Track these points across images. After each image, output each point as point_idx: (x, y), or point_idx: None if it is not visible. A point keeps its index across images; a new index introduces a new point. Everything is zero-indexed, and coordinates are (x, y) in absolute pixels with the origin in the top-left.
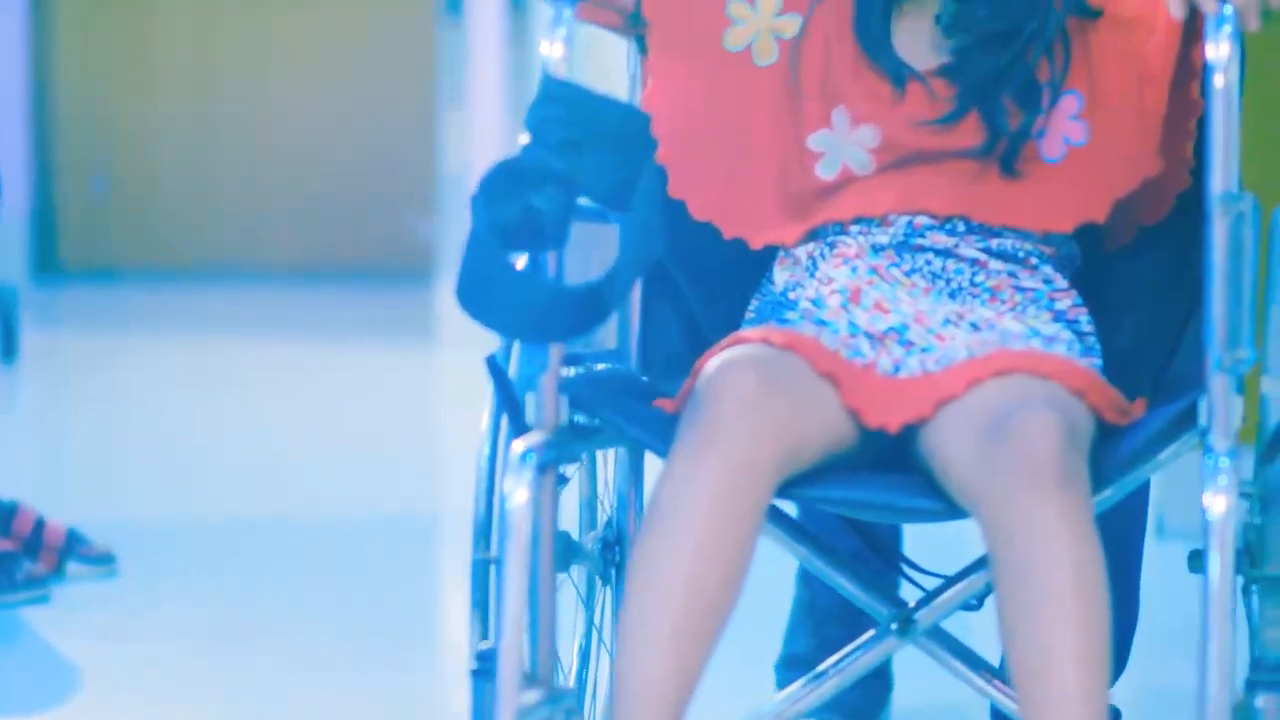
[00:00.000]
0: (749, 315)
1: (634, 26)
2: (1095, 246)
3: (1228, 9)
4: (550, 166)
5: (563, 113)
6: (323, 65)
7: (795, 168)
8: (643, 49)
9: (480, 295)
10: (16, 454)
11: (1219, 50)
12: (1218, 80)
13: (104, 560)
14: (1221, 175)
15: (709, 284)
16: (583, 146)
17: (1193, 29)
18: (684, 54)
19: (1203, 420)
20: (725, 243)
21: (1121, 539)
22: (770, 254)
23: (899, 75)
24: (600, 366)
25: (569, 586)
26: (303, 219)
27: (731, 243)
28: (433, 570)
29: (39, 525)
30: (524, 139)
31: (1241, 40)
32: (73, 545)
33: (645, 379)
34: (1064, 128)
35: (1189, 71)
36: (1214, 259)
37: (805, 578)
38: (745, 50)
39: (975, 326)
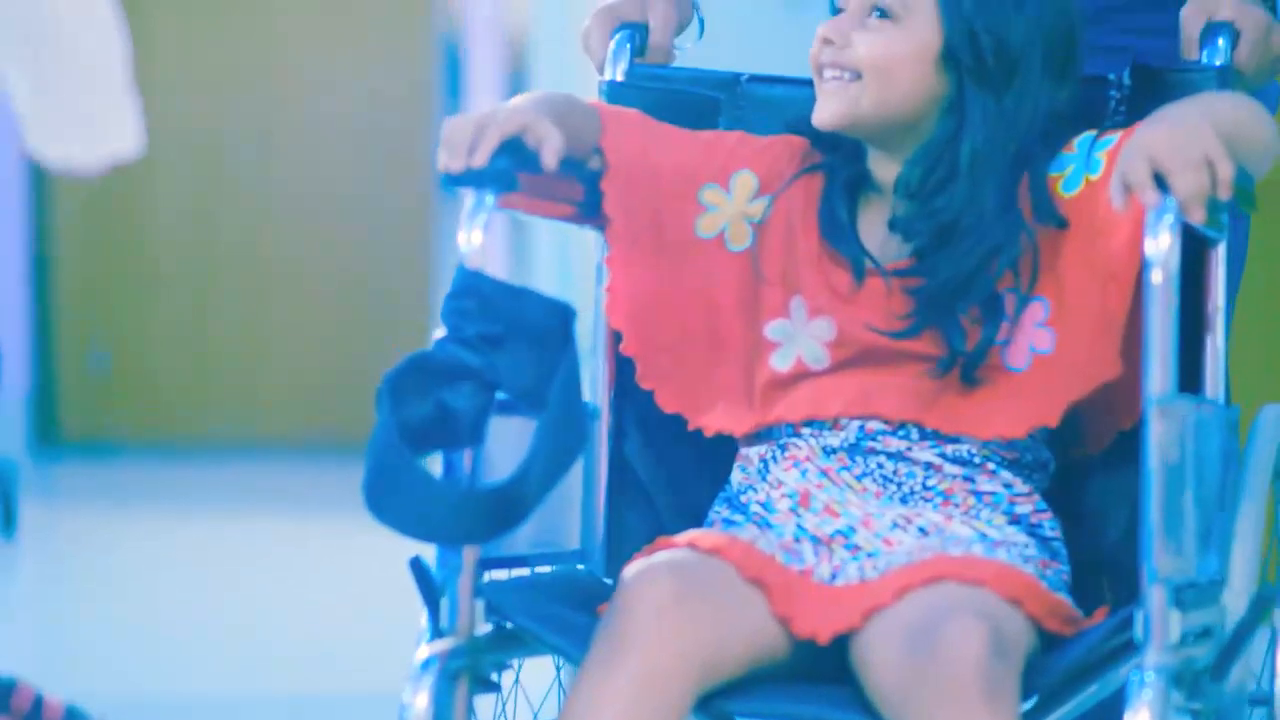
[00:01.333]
0: (711, 515)
1: (589, 217)
2: (1078, 448)
3: (1170, 200)
4: (464, 362)
5: (478, 306)
6: (322, 239)
7: (753, 357)
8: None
9: (387, 498)
10: (16, 629)
11: (1158, 244)
12: (1155, 276)
13: None
14: (1160, 376)
15: (676, 479)
16: (500, 341)
17: None
18: (652, 244)
19: (1137, 634)
20: (692, 435)
21: None
22: (736, 448)
23: (859, 267)
24: (545, 568)
25: None
26: (303, 392)
27: (698, 436)
28: None
29: (38, 702)
30: (438, 333)
31: (1247, 223)
32: None
33: (610, 581)
34: (1030, 335)
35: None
36: (1150, 464)
37: None
38: (718, 236)
39: (923, 531)
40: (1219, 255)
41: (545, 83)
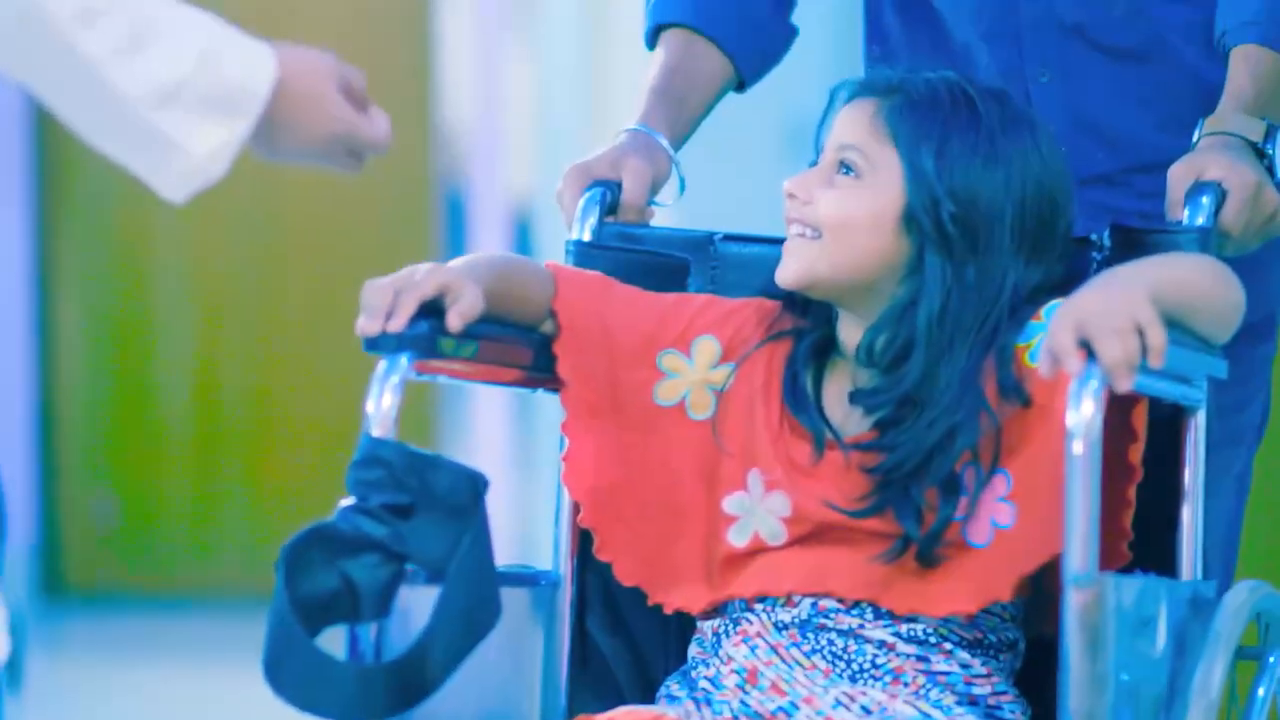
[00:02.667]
0: (660, 691)
1: (542, 381)
2: (1047, 626)
3: (1094, 368)
4: (367, 533)
5: (385, 476)
6: (328, 392)
7: (712, 531)
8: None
9: (283, 673)
10: None
11: (1080, 414)
12: (1076, 447)
13: None
14: (1079, 553)
15: (638, 652)
16: (410, 511)
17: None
18: (610, 411)
19: None
20: (653, 608)
21: None
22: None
23: (819, 439)
24: None
25: None
26: None
27: (658, 608)
28: None
29: None
30: (345, 501)
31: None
32: None
33: None
34: (992, 510)
35: (1128, 434)
36: (1068, 643)
37: None
38: (679, 404)
39: (866, 710)
40: (1197, 424)
41: (549, 235)
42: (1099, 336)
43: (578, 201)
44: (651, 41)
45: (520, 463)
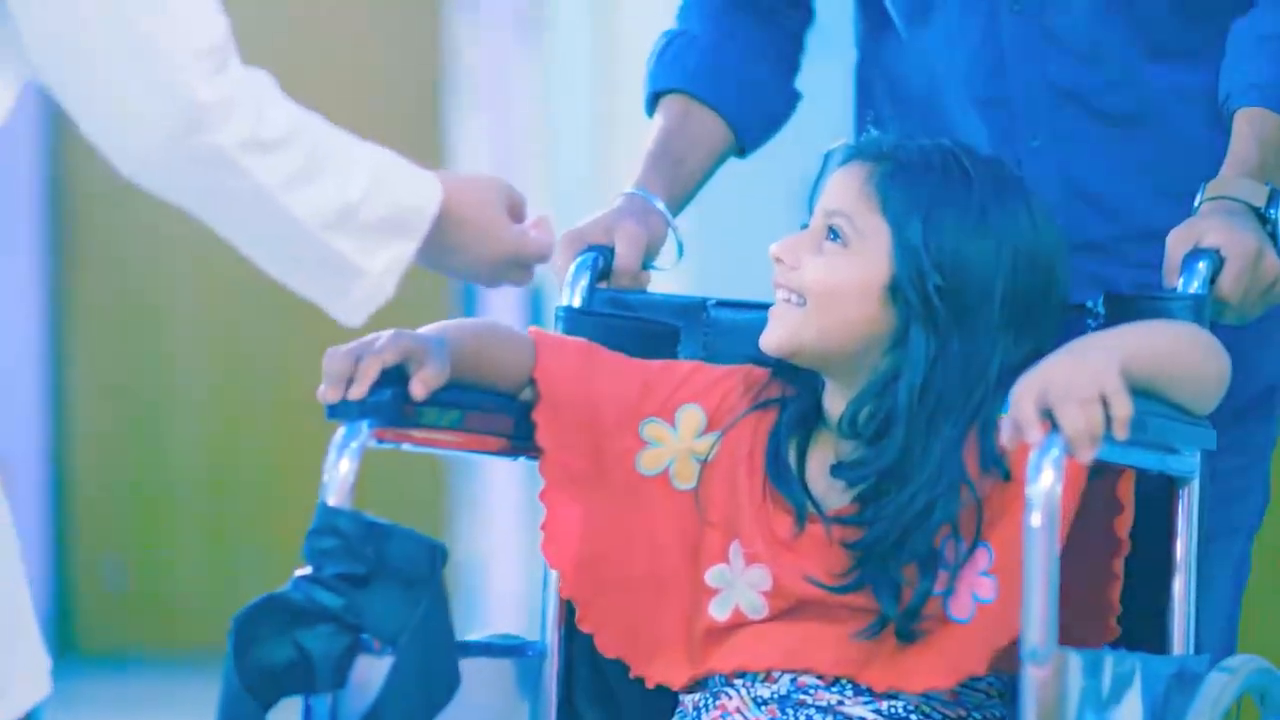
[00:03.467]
0: None
1: (524, 450)
2: None
3: (1055, 439)
4: (321, 603)
5: (339, 545)
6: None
7: (693, 604)
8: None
9: None
10: None
11: (1039, 485)
12: (1034, 519)
13: None
14: (1037, 628)
15: None
16: (365, 582)
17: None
18: (591, 480)
19: None
20: (639, 680)
21: None
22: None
23: (801, 512)
24: None
25: None
26: None
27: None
28: None
29: None
30: (301, 570)
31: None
32: None
33: None
34: (973, 583)
35: (1114, 505)
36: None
37: None
38: (663, 473)
39: None
40: (1190, 494)
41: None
42: (1061, 406)
43: (569, 267)
44: (651, 108)
45: (533, 531)
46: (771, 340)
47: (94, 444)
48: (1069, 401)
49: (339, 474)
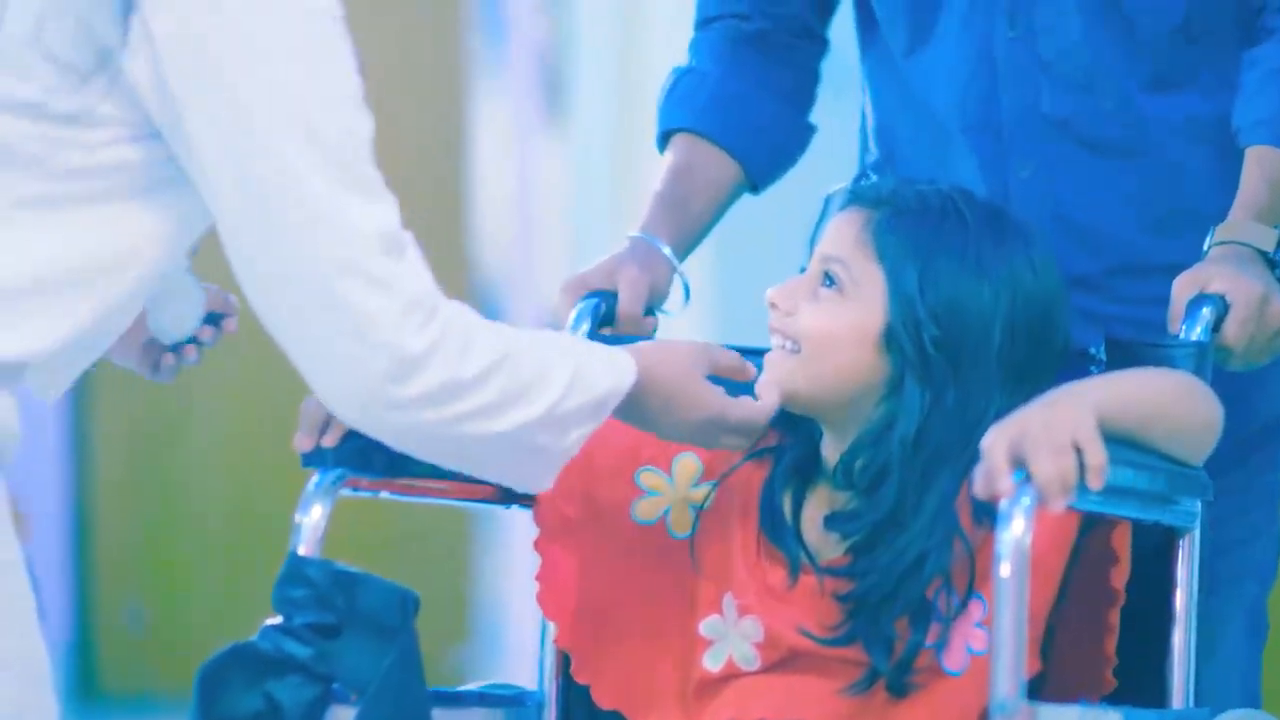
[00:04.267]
0: None
1: (516, 497)
2: None
3: (1026, 488)
4: (290, 653)
5: (309, 594)
6: (353, 511)
7: (688, 655)
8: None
9: None
10: None
11: (1009, 534)
12: (1003, 569)
13: None
14: (1006, 679)
15: None
16: (336, 631)
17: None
18: (586, 529)
19: None
20: None
21: None
22: None
23: (794, 563)
24: None
25: None
26: None
27: None
28: None
29: None
30: (271, 620)
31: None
32: None
33: None
34: (967, 635)
35: (1109, 557)
36: None
37: None
38: (659, 522)
39: None
40: (1189, 544)
41: None
42: (1033, 454)
43: (571, 313)
44: (662, 147)
45: None
46: (761, 385)
47: (115, 491)
48: (1041, 449)
49: (309, 522)
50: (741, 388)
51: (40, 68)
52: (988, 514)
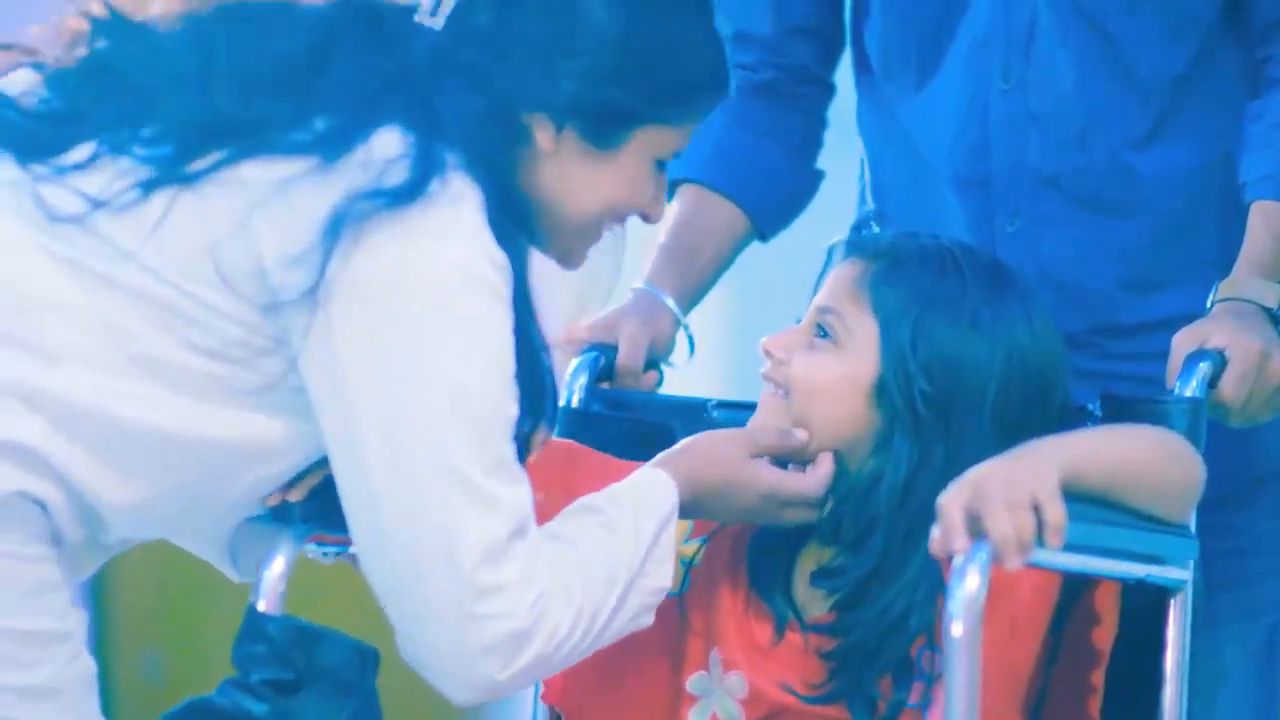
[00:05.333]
0: None
1: None
2: None
3: (981, 546)
4: (248, 709)
5: (267, 651)
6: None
7: (674, 711)
8: None
9: None
10: None
11: (962, 593)
12: (954, 629)
13: None
14: None
15: None
16: (295, 687)
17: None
18: None
19: None
20: None
21: None
22: None
23: (781, 620)
24: None
25: None
26: None
27: None
28: None
29: None
30: (229, 676)
31: None
32: None
33: None
34: None
35: (1090, 616)
36: None
37: None
38: None
39: None
40: (1180, 604)
41: None
42: (988, 511)
43: (570, 366)
44: (669, 196)
45: None
46: (751, 429)
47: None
48: (996, 507)
49: (270, 577)
50: None
51: (222, 327)
52: None
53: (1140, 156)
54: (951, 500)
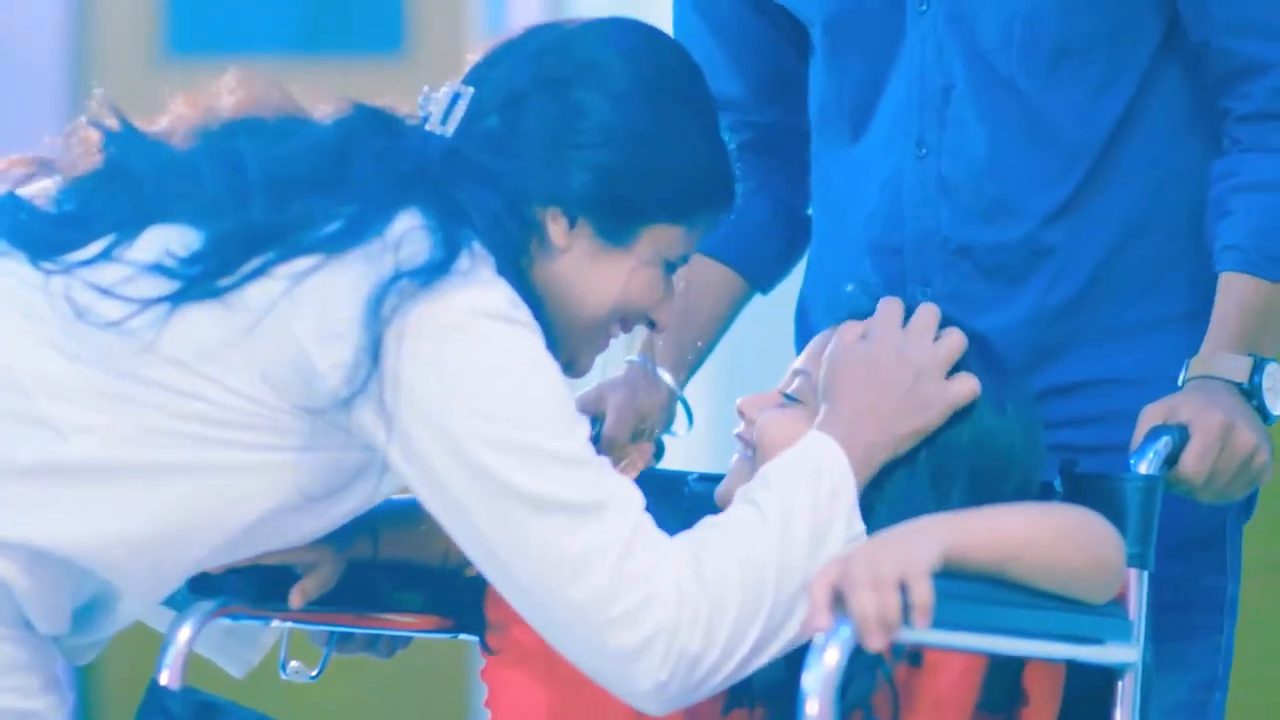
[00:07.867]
0: None
1: (464, 627)
2: None
3: (842, 627)
4: None
5: None
6: None
7: None
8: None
9: None
10: None
11: (820, 669)
12: (810, 707)
13: None
14: None
15: None
16: None
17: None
18: (538, 656)
19: None
20: None
21: None
22: None
23: (732, 694)
24: None
25: None
26: None
27: None
28: None
29: None
30: None
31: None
32: None
33: None
34: None
35: (1017, 696)
36: None
37: None
38: None
39: None
40: (1127, 687)
41: None
42: (851, 589)
43: None
44: None
45: None
46: (720, 492)
47: None
48: (859, 586)
49: (174, 649)
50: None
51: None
52: (911, 657)
53: (1054, 230)
54: (818, 579)
